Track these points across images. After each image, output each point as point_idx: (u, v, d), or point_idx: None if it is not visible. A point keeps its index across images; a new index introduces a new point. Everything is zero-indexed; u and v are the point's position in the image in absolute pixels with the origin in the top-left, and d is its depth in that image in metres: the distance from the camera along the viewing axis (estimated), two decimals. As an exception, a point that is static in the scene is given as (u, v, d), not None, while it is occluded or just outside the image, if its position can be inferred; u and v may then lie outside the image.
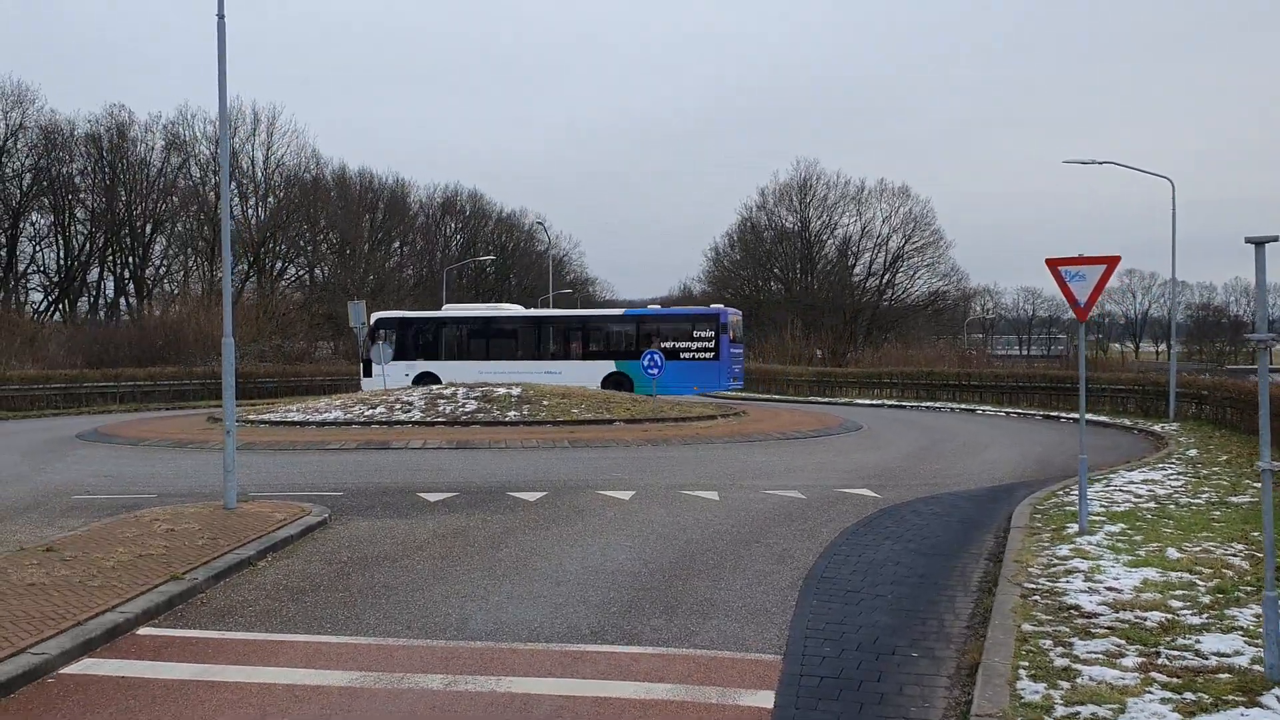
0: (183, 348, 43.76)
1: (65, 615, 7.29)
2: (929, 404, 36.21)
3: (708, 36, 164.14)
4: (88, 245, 64.45)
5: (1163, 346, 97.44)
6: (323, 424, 24.22)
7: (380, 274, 76.28)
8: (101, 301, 65.44)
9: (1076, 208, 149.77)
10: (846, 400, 40.32)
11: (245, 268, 67.96)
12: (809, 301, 72.29)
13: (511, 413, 24.43)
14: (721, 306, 41.08)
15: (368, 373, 35.38)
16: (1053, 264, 10.67)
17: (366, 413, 24.84)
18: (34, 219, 62.34)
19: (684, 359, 38.85)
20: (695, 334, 39.12)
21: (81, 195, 63.13)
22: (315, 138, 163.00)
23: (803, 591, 8.55)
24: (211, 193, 66.61)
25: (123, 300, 65.93)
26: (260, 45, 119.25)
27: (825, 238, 77.15)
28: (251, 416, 25.92)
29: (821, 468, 17.24)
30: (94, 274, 66.03)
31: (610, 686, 6.27)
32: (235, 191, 69.26)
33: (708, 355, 39.86)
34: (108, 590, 8.06)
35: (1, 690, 5.99)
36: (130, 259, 65.58)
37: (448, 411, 24.63)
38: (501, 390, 26.42)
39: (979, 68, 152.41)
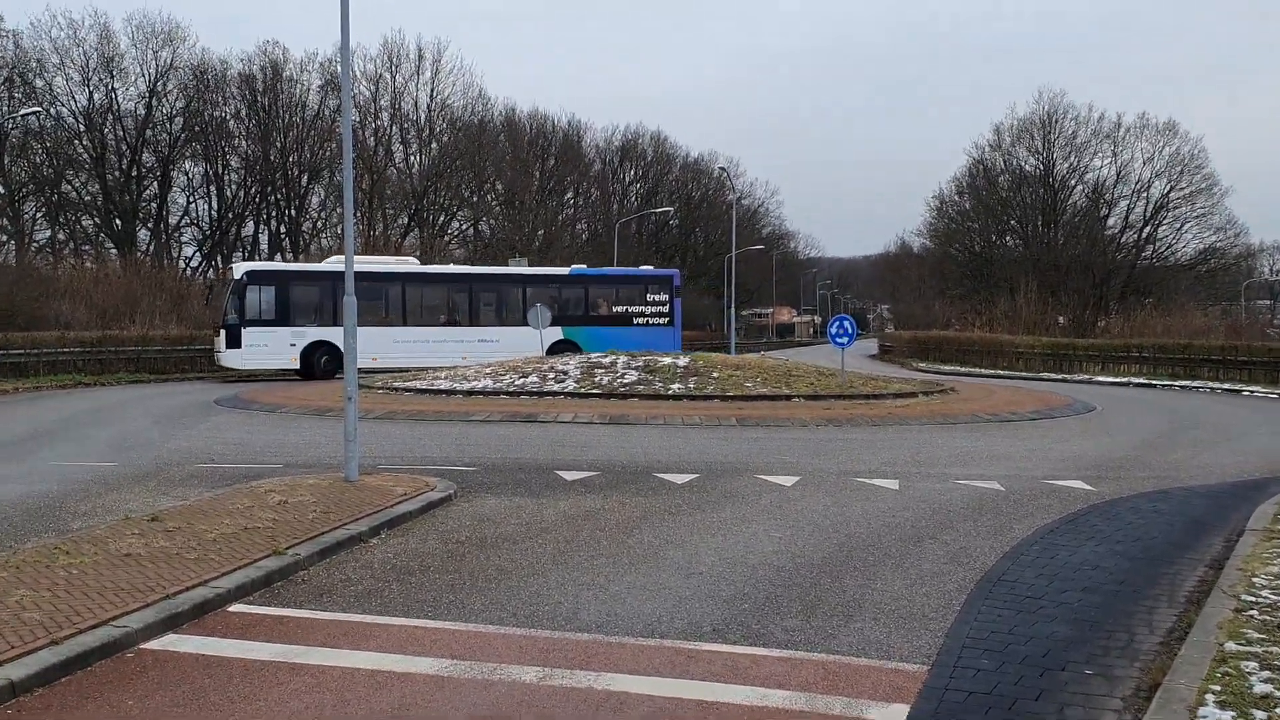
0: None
1: (155, 588, 7.90)
2: (1185, 383, 34.33)
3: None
4: (240, 195, 68.67)
5: None
6: (470, 393, 25.18)
7: (550, 228, 78.07)
8: (256, 257, 69.93)
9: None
10: (1085, 377, 38.78)
11: (406, 220, 70.95)
12: (1050, 260, 69.45)
13: (676, 385, 24.67)
14: (674, 270, 41.87)
15: (232, 342, 33.31)
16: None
17: (517, 382, 25.64)
18: (186, 167, 66.92)
19: (637, 324, 38.99)
20: (649, 297, 39.36)
21: (235, 141, 67.22)
22: (482, 76, 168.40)
23: (972, 596, 8.35)
24: (371, 137, 69.77)
25: (277, 256, 70.15)
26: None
27: (1072, 183, 73.94)
28: (396, 384, 27.20)
29: (1031, 455, 16.74)
30: (248, 228, 70.47)
31: (720, 690, 6.32)
32: (396, 136, 72.26)
33: (661, 321, 39.32)
34: (204, 563, 8.66)
35: (79, 663, 6.55)
36: (285, 211, 69.46)
37: (605, 383, 25.11)
38: (667, 361, 26.70)
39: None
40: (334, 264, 36.02)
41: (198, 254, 67.97)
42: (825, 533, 10.71)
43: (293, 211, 69.39)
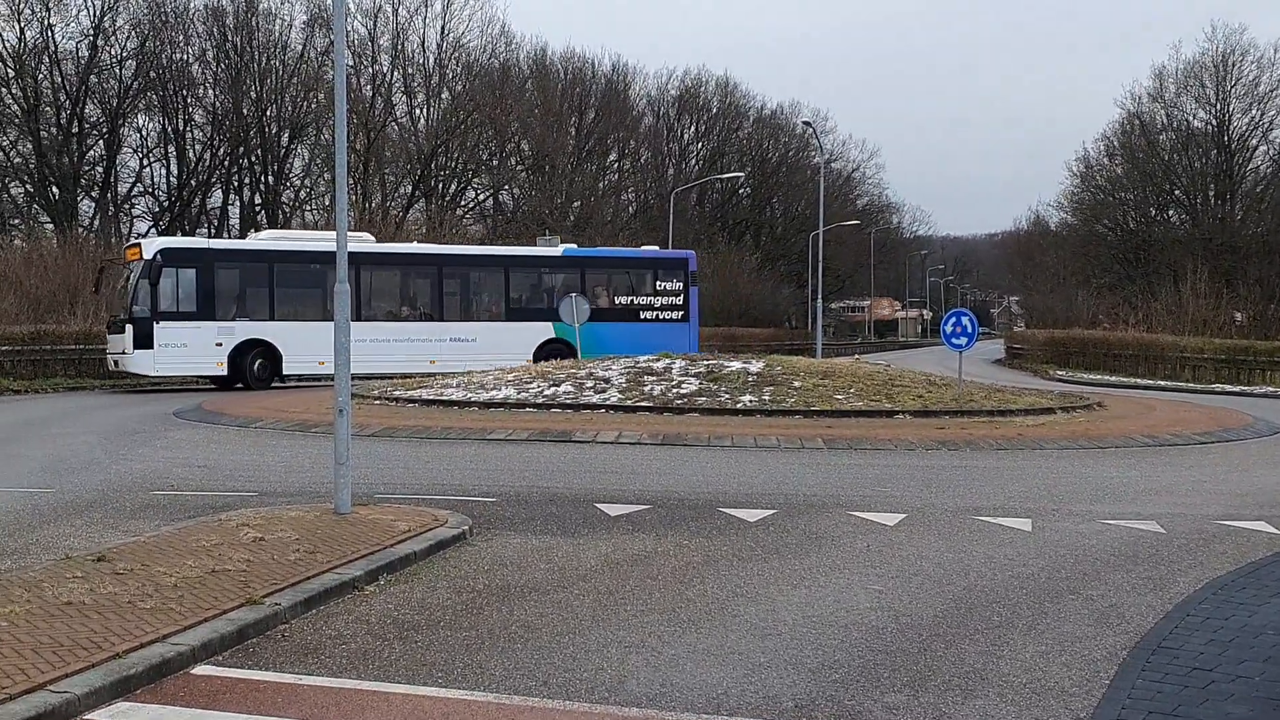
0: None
1: (102, 645, 8.02)
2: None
3: None
4: (206, 158, 69.50)
5: None
6: (488, 405, 25.28)
7: (589, 198, 78.33)
8: (225, 232, 70.86)
9: None
10: (1270, 390, 38.35)
11: (410, 188, 71.55)
12: (1225, 240, 68.75)
13: (747, 397, 24.65)
14: (689, 251, 41.75)
15: (142, 341, 32.35)
16: None
17: (547, 391, 25.76)
18: (140, 123, 67.80)
19: (645, 320, 38.81)
20: (659, 285, 39.21)
21: (199, 90, 68.04)
22: (506, 8, 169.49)
23: (1124, 666, 8.30)
24: (368, 86, 70.38)
25: (251, 233, 70.89)
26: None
27: (1254, 143, 73.21)
28: (398, 393, 27.42)
29: (1199, 489, 16.59)
30: (215, 197, 71.35)
31: (803, 784, 6.33)
32: (399, 84, 72.85)
33: (674, 315, 39.07)
34: (162, 614, 8.79)
35: (10, 732, 6.69)
36: (261, 177, 70.25)
37: (657, 393, 25.14)
38: (735, 366, 26.70)
39: None
40: (265, 240, 36.74)
41: (153, 230, 68.92)
42: (938, 585, 10.67)
43: (270, 178, 70.21)
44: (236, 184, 71.01)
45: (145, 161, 69.33)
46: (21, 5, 61.26)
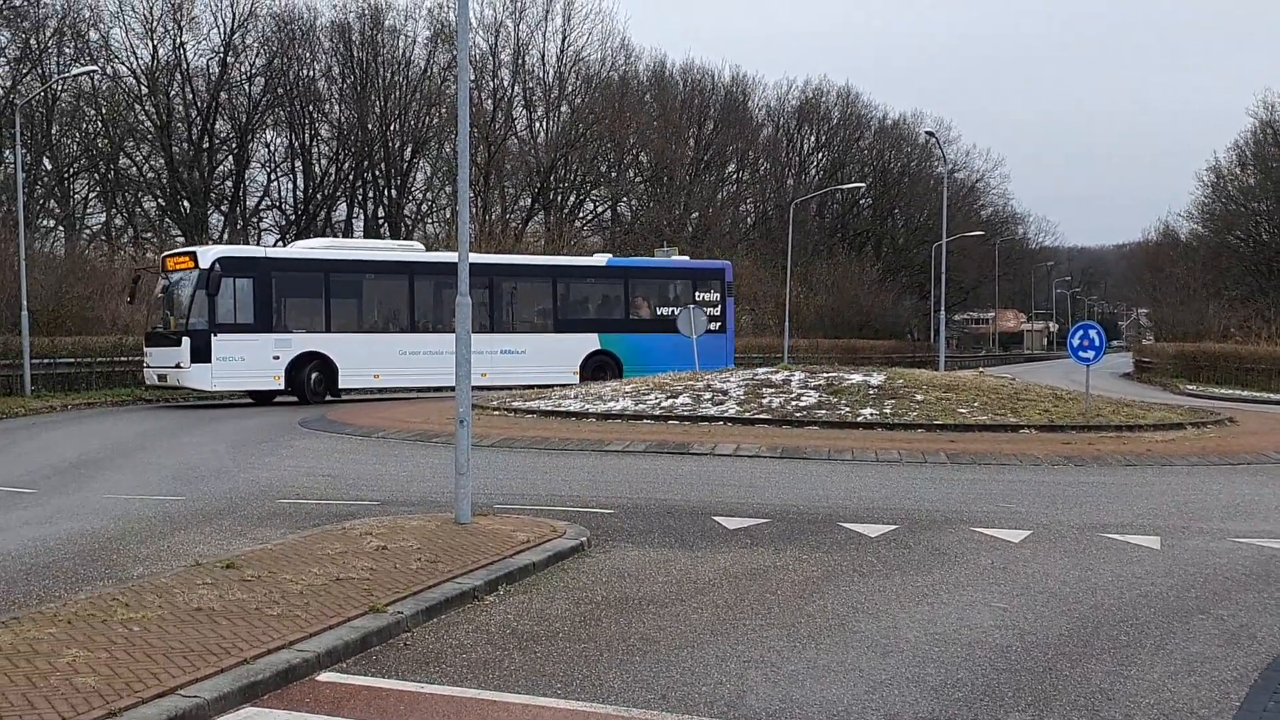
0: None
1: (231, 650, 8.22)
2: None
3: None
4: (332, 172, 70.80)
5: None
6: (605, 416, 25.48)
7: (707, 209, 78.45)
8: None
9: None
10: None
11: (529, 201, 72.24)
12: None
13: (867, 410, 24.50)
14: (726, 262, 40.76)
15: (199, 355, 30.98)
16: None
17: (664, 403, 25.85)
18: (267, 138, 69.26)
19: (679, 331, 37.88)
20: (698, 296, 38.31)
21: (325, 106, 69.31)
22: (626, 21, 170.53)
23: (1255, 688, 8.12)
24: (488, 100, 71.21)
25: (279, 240, 71.73)
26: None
27: None
28: (517, 404, 27.68)
29: (1338, 507, 16.12)
30: (340, 210, 72.59)
31: (924, 803, 6.28)
32: (519, 98, 73.61)
33: (714, 327, 37.70)
34: (288, 621, 8.98)
35: (142, 734, 6.88)
36: (385, 190, 71.37)
37: (775, 406, 25.09)
38: (856, 379, 26.54)
39: None
40: (315, 248, 35.90)
41: (280, 242, 70.44)
42: (1063, 603, 10.52)
43: (392, 191, 71.19)
44: (360, 197, 72.18)
45: (273, 175, 70.81)
46: (155, 24, 63.05)
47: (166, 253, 35.65)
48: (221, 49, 64.65)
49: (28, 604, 9.99)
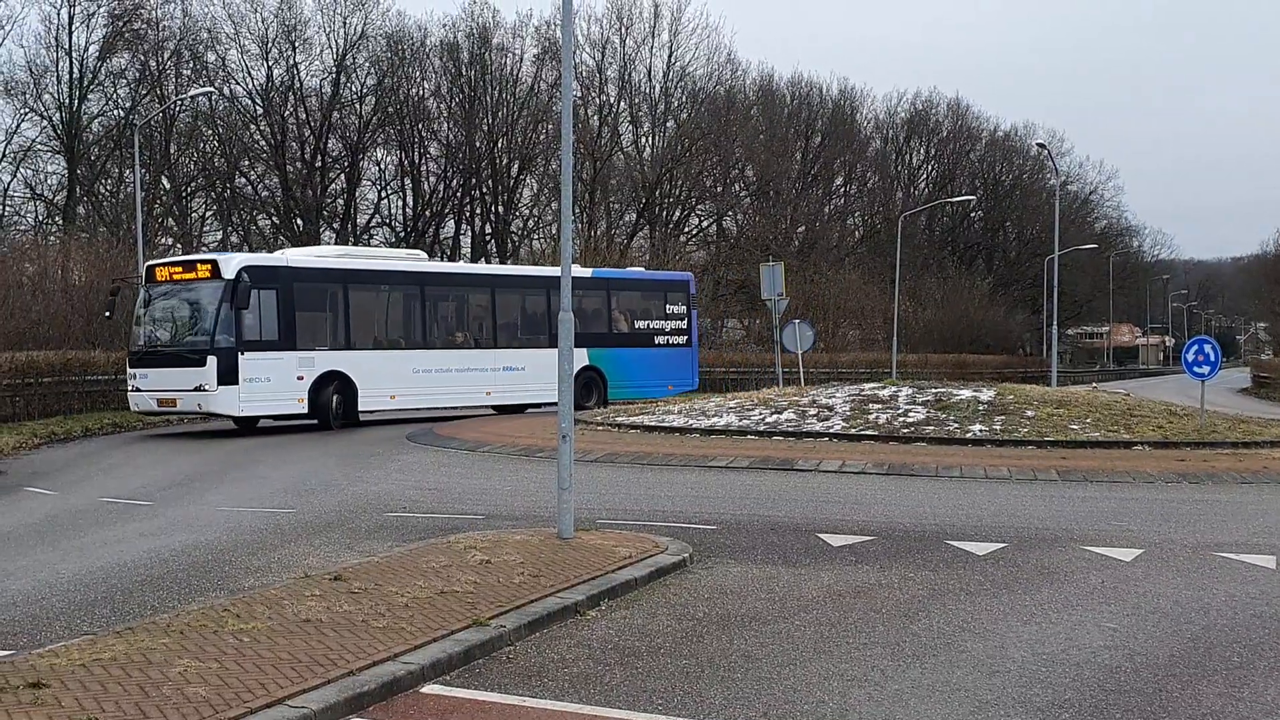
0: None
1: (337, 661, 8.35)
2: None
3: None
4: (440, 189, 71.68)
5: None
6: (709, 431, 25.46)
7: (814, 223, 78.21)
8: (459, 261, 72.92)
9: None
10: None
11: (634, 216, 72.54)
12: None
13: (976, 427, 24.22)
14: (688, 273, 39.70)
15: (227, 375, 27.28)
16: None
17: (769, 419, 25.77)
18: (378, 156, 70.32)
19: (659, 345, 36.77)
20: (668, 309, 37.21)
21: (434, 124, 70.21)
22: (733, 36, 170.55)
23: (1376, 715, 7.90)
24: (594, 116, 71.69)
25: (482, 261, 72.90)
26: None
27: None
28: (621, 419, 27.76)
29: None
30: (448, 227, 73.45)
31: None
32: (625, 113, 74.01)
33: (680, 341, 37.08)
34: (393, 633, 9.10)
35: (250, 744, 7.01)
36: (492, 207, 72.07)
37: (882, 422, 24.90)
38: (965, 394, 26.27)
39: None
40: (326, 256, 32.29)
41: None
42: (1175, 623, 10.33)
43: (500, 208, 71.84)
44: (468, 214, 72.88)
45: (383, 193, 71.82)
46: (270, 46, 64.36)
47: (156, 261, 31.19)
48: (334, 69, 65.82)
49: (142, 614, 10.26)
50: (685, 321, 37.26)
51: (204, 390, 27.21)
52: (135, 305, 29.74)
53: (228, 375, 27.19)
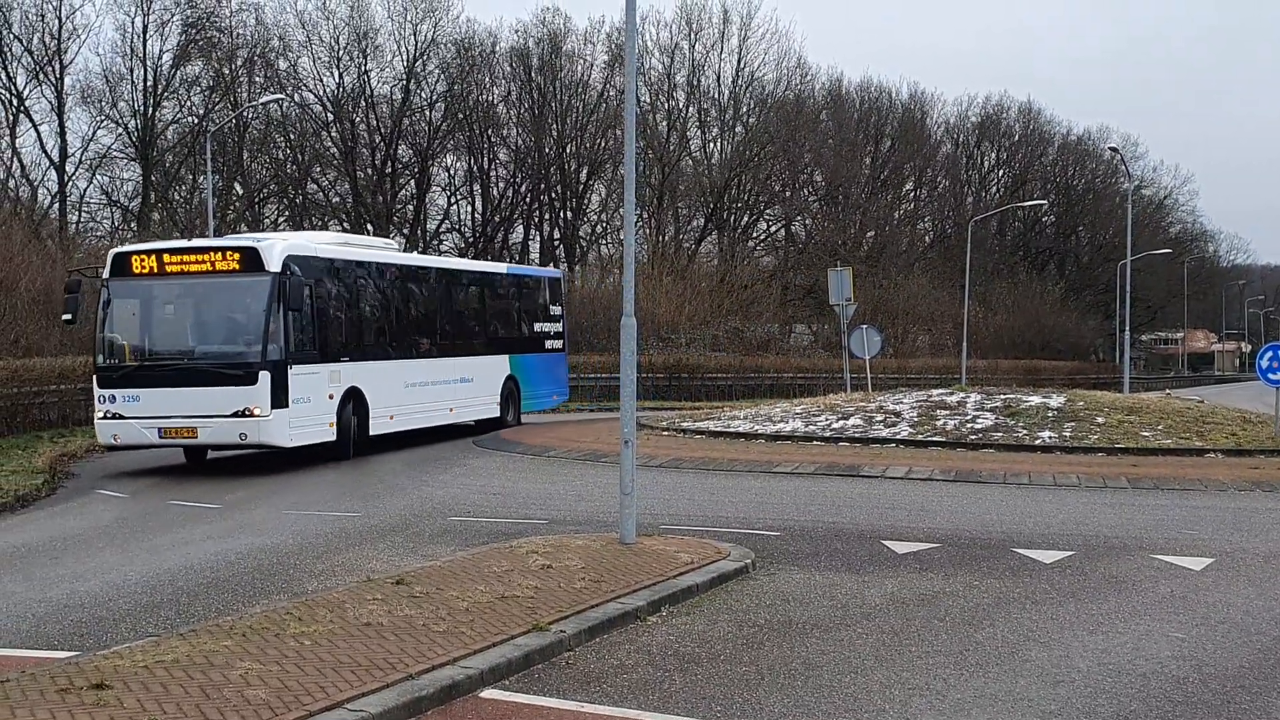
0: (614, 329, 47.61)
1: (396, 665, 8.39)
2: None
3: None
4: (509, 194, 71.97)
5: None
6: (775, 437, 25.36)
7: (883, 228, 77.76)
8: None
9: None
10: None
11: (702, 221, 72.48)
12: None
13: (1045, 434, 23.97)
14: (559, 270, 35.89)
15: (279, 397, 21.04)
16: None
17: (835, 425, 25.63)
18: (447, 162, 70.70)
19: (549, 350, 32.75)
20: (551, 310, 32.94)
21: (504, 130, 70.51)
22: (802, 40, 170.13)
23: None
24: (663, 121, 71.71)
25: (550, 266, 73.02)
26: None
27: None
28: (686, 424, 27.74)
29: None
30: (517, 233, 73.75)
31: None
32: (694, 118, 74.00)
33: (558, 345, 33.24)
34: (453, 638, 9.12)
35: (306, 748, 7.05)
36: (560, 212, 72.28)
37: (950, 428, 24.68)
38: (1034, 401, 25.99)
39: None
40: (331, 245, 25.67)
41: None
42: (1245, 634, 10.16)
43: (568, 213, 72.04)
44: (537, 219, 73.15)
45: (452, 199, 72.19)
46: (341, 53, 64.90)
47: (133, 248, 23.45)
48: (404, 76, 66.17)
49: (206, 617, 10.37)
50: (561, 324, 33.40)
51: (252, 416, 20.84)
52: (99, 306, 22.25)
53: (281, 397, 21.15)
